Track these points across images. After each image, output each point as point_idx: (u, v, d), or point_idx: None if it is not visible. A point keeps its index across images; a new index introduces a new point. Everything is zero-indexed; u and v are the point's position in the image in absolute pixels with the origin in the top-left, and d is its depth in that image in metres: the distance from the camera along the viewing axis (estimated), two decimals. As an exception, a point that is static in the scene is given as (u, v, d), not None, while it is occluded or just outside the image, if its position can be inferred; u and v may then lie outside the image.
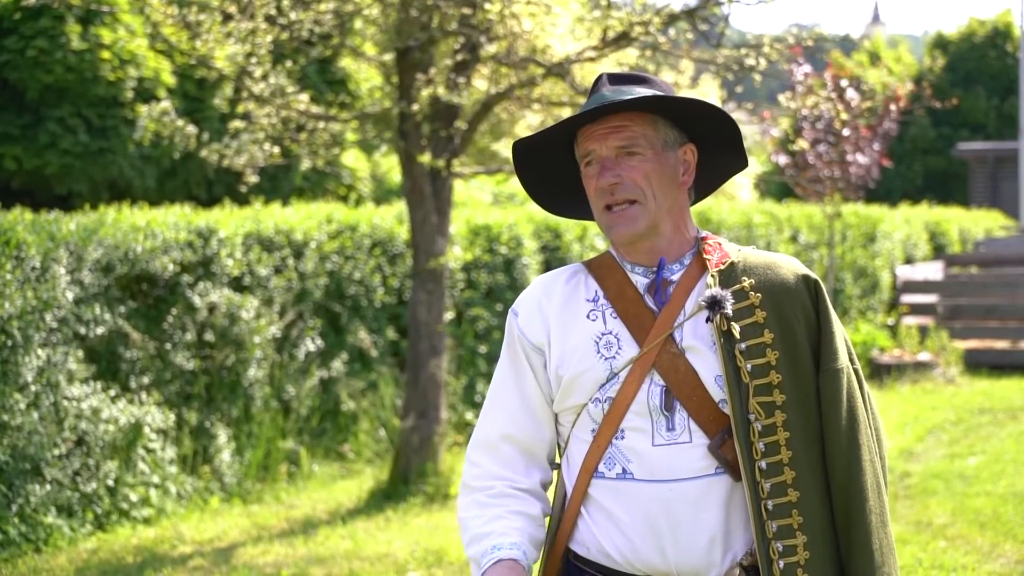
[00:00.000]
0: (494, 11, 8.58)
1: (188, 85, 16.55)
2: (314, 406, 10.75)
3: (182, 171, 16.68)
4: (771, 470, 2.83)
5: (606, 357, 2.91)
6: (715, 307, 2.87)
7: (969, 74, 37.88)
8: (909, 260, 21.20)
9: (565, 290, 3.02)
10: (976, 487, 9.42)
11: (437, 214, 9.61)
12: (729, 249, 3.01)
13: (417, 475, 9.51)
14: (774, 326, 2.89)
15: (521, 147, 3.04)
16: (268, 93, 9.44)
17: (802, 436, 2.86)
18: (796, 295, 2.94)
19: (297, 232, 10.79)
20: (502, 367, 3.07)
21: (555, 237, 13.39)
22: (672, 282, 2.95)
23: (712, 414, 2.86)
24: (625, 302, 2.95)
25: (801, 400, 2.88)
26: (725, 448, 2.85)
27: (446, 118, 9.45)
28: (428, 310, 9.71)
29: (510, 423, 3.02)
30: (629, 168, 2.90)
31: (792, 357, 2.89)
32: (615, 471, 2.89)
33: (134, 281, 9.35)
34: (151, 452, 9.10)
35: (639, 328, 2.91)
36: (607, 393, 2.89)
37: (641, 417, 2.87)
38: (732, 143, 3.03)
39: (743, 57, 8.88)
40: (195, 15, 9.08)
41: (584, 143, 2.94)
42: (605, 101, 2.88)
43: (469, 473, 3.05)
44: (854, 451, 2.87)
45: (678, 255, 2.97)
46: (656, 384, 2.88)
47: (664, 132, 2.94)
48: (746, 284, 2.92)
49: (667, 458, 2.85)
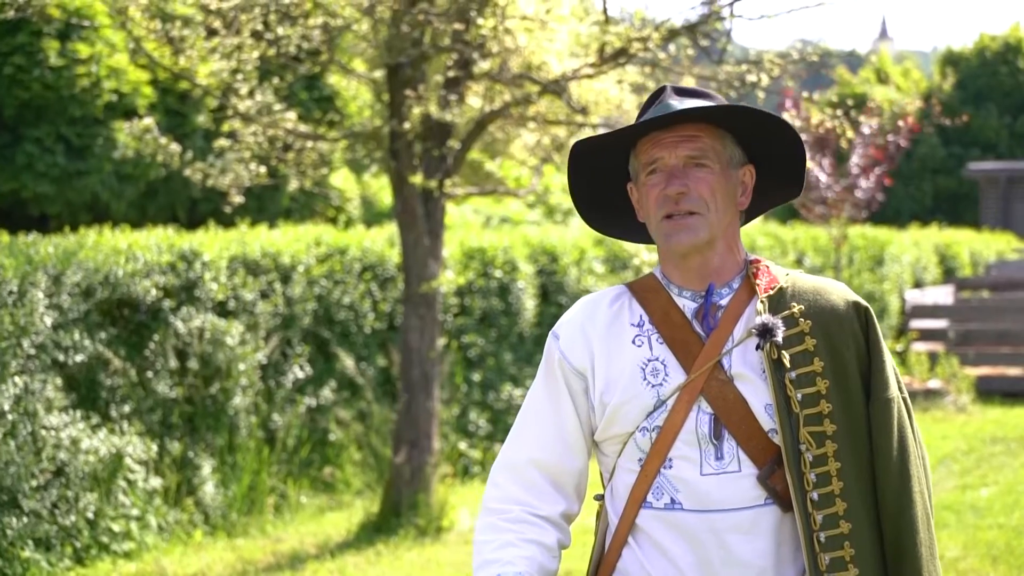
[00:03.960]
0: (488, 27, 8.62)
1: (170, 100, 16.58)
2: (301, 436, 10.75)
3: (165, 192, 16.70)
4: (823, 501, 2.86)
5: (653, 384, 2.93)
6: (766, 335, 2.89)
7: (980, 91, 38.00)
8: (918, 284, 21.24)
9: (609, 313, 3.03)
10: (988, 519, 9.43)
11: (429, 236, 9.63)
12: (777, 273, 3.03)
13: (409, 507, 9.51)
14: (824, 354, 2.92)
15: (579, 150, 3.04)
16: (254, 111, 9.46)
17: (853, 466, 2.89)
18: (846, 322, 2.96)
19: (284, 255, 10.80)
20: (537, 389, 3.09)
21: (552, 261, 13.42)
22: (721, 307, 2.97)
23: (761, 443, 2.89)
24: (671, 327, 2.96)
25: (851, 430, 2.90)
26: (775, 478, 2.88)
27: (438, 137, 9.48)
28: (420, 336, 9.72)
29: (539, 448, 3.04)
30: (697, 180, 2.92)
31: (842, 386, 2.92)
32: (663, 501, 2.91)
33: (115, 306, 9.36)
34: (132, 484, 9.10)
35: (686, 354, 2.93)
36: (655, 422, 2.91)
37: (689, 446, 2.89)
38: (791, 171, 3.06)
39: (745, 73, 8.92)
40: (179, 30, 9.12)
41: (650, 150, 2.95)
42: (674, 110, 2.90)
43: (489, 494, 3.07)
44: (905, 482, 2.90)
45: (727, 278, 2.99)
46: (704, 412, 2.90)
47: (731, 149, 2.97)
48: (796, 310, 2.95)
49: (716, 488, 2.87)
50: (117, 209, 16.16)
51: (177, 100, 16.61)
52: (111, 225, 10.87)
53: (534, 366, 12.96)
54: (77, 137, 15.65)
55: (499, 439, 12.29)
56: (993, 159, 36.68)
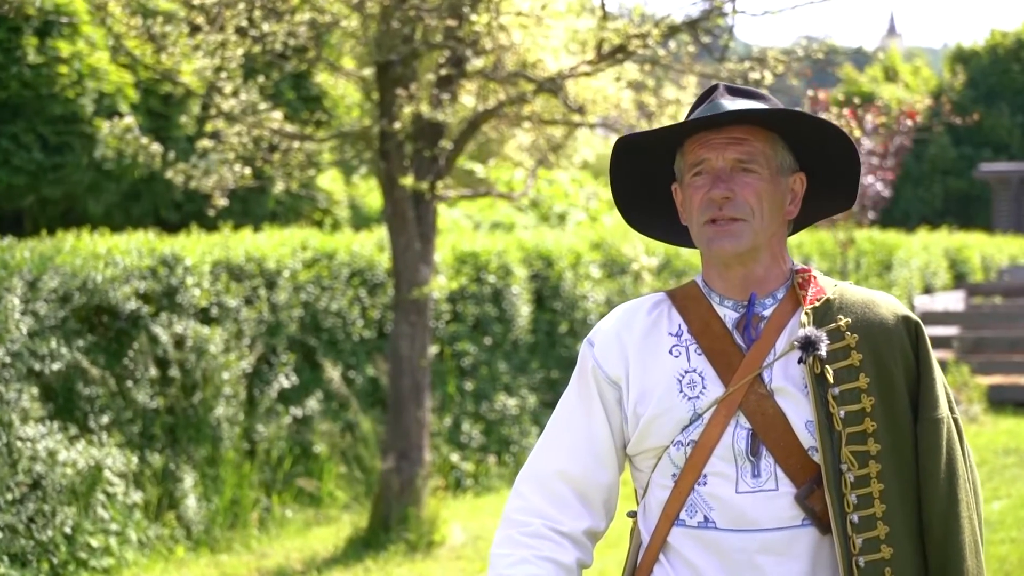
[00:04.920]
0: (481, 23, 8.61)
1: (153, 101, 16.58)
2: (287, 447, 10.73)
3: (147, 193, 16.69)
4: (863, 524, 2.82)
5: (689, 397, 2.90)
6: (809, 348, 2.85)
7: (992, 89, 38.07)
8: (928, 289, 21.24)
9: (647, 322, 3.01)
10: (1000, 533, 9.42)
11: (420, 240, 9.62)
12: (824, 284, 3.00)
13: (398, 521, 9.50)
14: (870, 370, 2.88)
15: (622, 146, 3.02)
16: (239, 110, 9.45)
17: (897, 489, 2.85)
18: (895, 337, 2.92)
19: (269, 260, 10.79)
20: (569, 398, 3.05)
21: (547, 265, 13.41)
22: (763, 318, 2.94)
23: (800, 462, 2.85)
24: (711, 338, 2.93)
25: (897, 450, 2.87)
26: (813, 499, 2.84)
27: (430, 137, 9.47)
28: (411, 344, 9.71)
29: (569, 459, 3.00)
30: (743, 185, 2.88)
31: (889, 404, 2.88)
32: (697, 519, 2.88)
33: (93, 312, 9.34)
34: (112, 497, 9.08)
35: (726, 367, 2.90)
36: (690, 436, 2.88)
37: (725, 462, 2.86)
38: (843, 182, 3.03)
39: (748, 71, 8.91)
40: (160, 27, 9.10)
41: (696, 151, 2.92)
42: (722, 110, 2.87)
43: (512, 504, 3.03)
44: (952, 507, 2.86)
45: (771, 288, 2.96)
46: (742, 427, 2.87)
47: (781, 155, 2.94)
48: (842, 323, 2.91)
49: (751, 507, 2.84)
50: (94, 211, 16.14)
51: (160, 102, 16.59)
52: (90, 228, 10.85)
53: (529, 375, 12.96)
54: (55, 136, 15.63)
55: (492, 451, 12.28)
56: (1006, 160, 36.75)
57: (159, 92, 16.22)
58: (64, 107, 15.47)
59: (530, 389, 12.94)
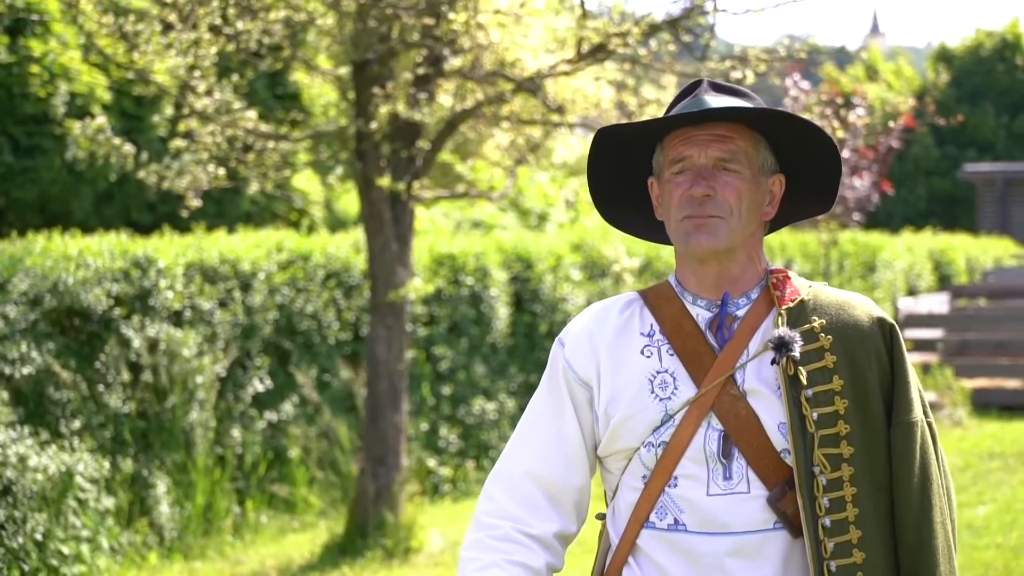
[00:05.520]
0: (459, 21, 8.63)
1: (125, 102, 16.54)
2: (262, 452, 10.73)
3: (120, 195, 16.65)
4: (835, 528, 2.83)
5: (661, 398, 2.91)
6: (782, 349, 2.87)
7: (976, 89, 38.21)
8: (912, 291, 21.32)
9: (618, 321, 3.02)
10: (985, 539, 9.46)
11: (397, 242, 9.63)
12: (799, 284, 3.02)
13: (375, 527, 9.50)
14: (844, 372, 2.90)
15: (601, 137, 3.02)
16: (212, 109, 9.44)
17: (870, 493, 2.86)
18: (870, 339, 2.94)
19: (244, 262, 10.79)
20: (539, 399, 3.07)
21: (526, 267, 13.42)
22: (737, 318, 2.96)
23: (773, 464, 2.87)
24: (683, 338, 2.95)
25: (870, 454, 2.88)
26: (785, 501, 2.85)
27: (407, 137, 9.48)
28: (387, 347, 9.72)
29: (538, 460, 3.02)
30: (724, 184, 2.90)
31: (862, 406, 2.89)
32: (667, 521, 2.89)
33: (64, 315, 9.33)
34: (83, 503, 9.06)
35: (698, 367, 2.92)
36: (661, 437, 2.89)
37: (696, 464, 2.87)
38: (823, 185, 3.05)
39: (730, 70, 8.94)
40: (133, 25, 9.09)
41: (678, 146, 2.93)
42: (708, 106, 2.89)
43: (481, 506, 3.05)
44: (926, 512, 2.87)
45: (746, 288, 2.98)
46: (714, 429, 2.88)
47: (763, 155, 2.96)
48: (816, 324, 2.93)
49: (722, 509, 2.85)
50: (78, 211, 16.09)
51: (132, 103, 16.56)
52: (63, 230, 10.83)
53: (507, 379, 12.97)
54: (26, 136, 15.58)
55: (470, 456, 12.29)
56: (990, 160, 36.87)
57: (131, 93, 16.19)
58: (35, 107, 15.43)
59: (509, 393, 12.96)
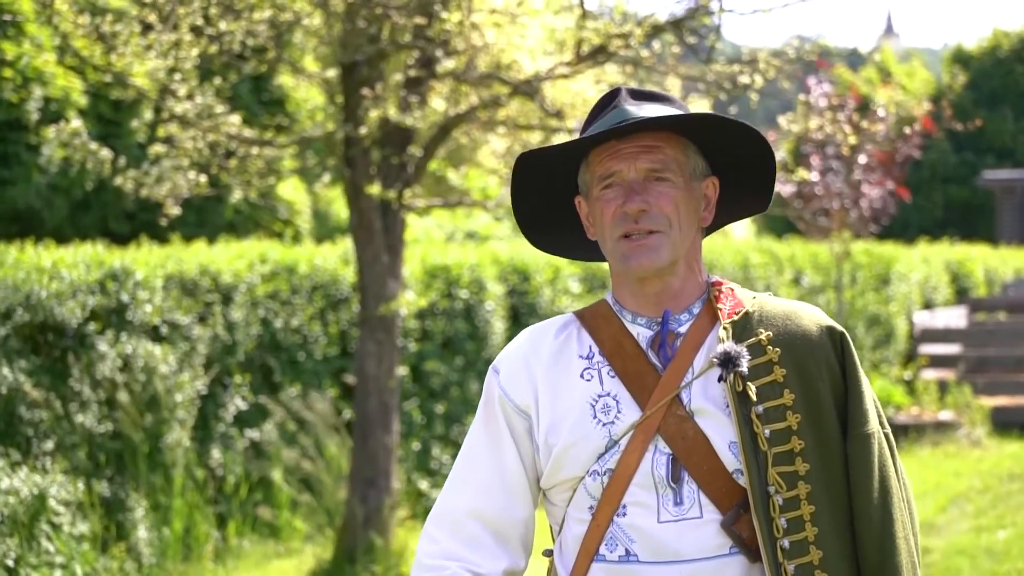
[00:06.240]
0: (453, 21, 8.63)
1: (103, 106, 16.55)
2: (243, 475, 10.71)
3: (96, 203, 16.65)
4: (795, 549, 2.83)
5: (604, 423, 2.90)
6: (728, 365, 2.86)
7: (994, 92, 38.22)
8: (928, 305, 21.32)
9: (555, 345, 3.01)
10: (1006, 564, 9.46)
11: (388, 253, 9.62)
12: (743, 296, 3.02)
13: (364, 553, 9.49)
14: (795, 385, 2.89)
15: (525, 162, 3.01)
16: (193, 114, 9.44)
17: (829, 510, 2.86)
18: (820, 350, 2.94)
19: (225, 274, 10.78)
20: (475, 432, 3.05)
21: (523, 280, 13.42)
22: (679, 335, 2.95)
23: (725, 486, 2.86)
24: (624, 358, 2.94)
25: (827, 469, 2.88)
26: (740, 524, 2.85)
27: (398, 143, 9.48)
28: (378, 363, 9.71)
29: (480, 497, 3.01)
30: (658, 195, 2.89)
31: (816, 421, 2.89)
32: (617, 553, 2.88)
33: (36, 330, 9.31)
34: (57, 528, 9.04)
35: (641, 389, 2.91)
36: (606, 464, 2.88)
37: (645, 491, 2.86)
38: (759, 182, 3.05)
39: (737, 74, 8.94)
40: (110, 25, 9.09)
41: (605, 162, 2.93)
42: (631, 116, 2.88)
43: (423, 549, 3.04)
44: (887, 527, 2.87)
45: (687, 303, 2.98)
46: (661, 452, 2.87)
47: (694, 160, 2.96)
48: (763, 337, 2.92)
49: (675, 537, 2.84)
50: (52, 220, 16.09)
51: (110, 107, 16.57)
52: (36, 240, 10.83)
53: (504, 396, 12.94)
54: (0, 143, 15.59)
55: (465, 478, 12.26)
56: (1010, 167, 36.87)
57: (109, 97, 16.19)
58: (7, 112, 15.43)
59: (505, 412, 12.93)
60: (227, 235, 16.72)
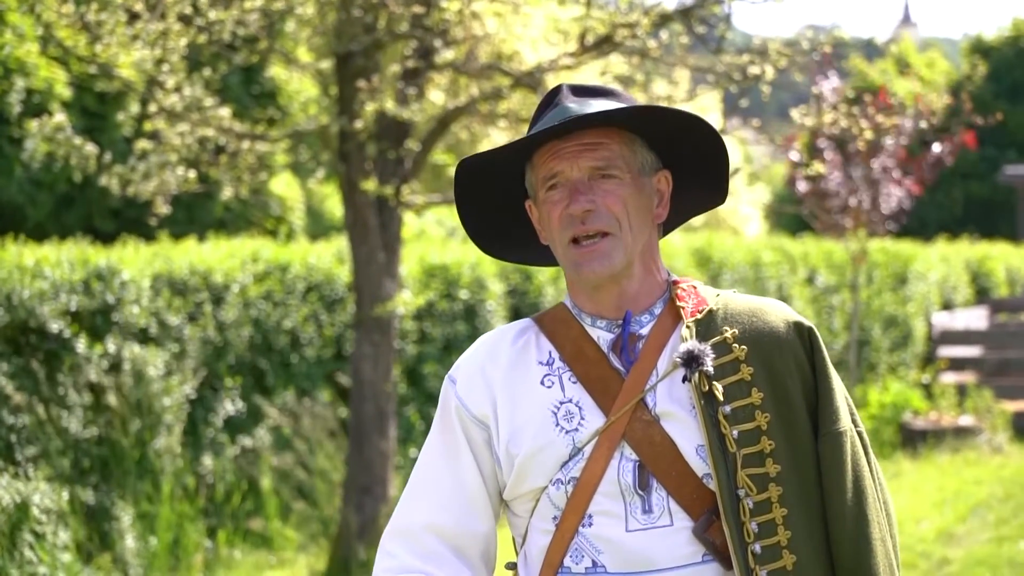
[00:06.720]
0: (452, 9, 8.62)
1: (87, 99, 16.54)
2: (234, 482, 10.70)
3: (80, 200, 16.64)
4: (767, 555, 2.83)
5: (567, 430, 2.89)
6: (692, 364, 2.86)
7: (1016, 84, 38.22)
8: (947, 306, 21.30)
9: (512, 352, 3.01)
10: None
11: (384, 251, 9.61)
12: (706, 294, 3.01)
13: (359, 565, 9.48)
14: (763, 384, 2.89)
15: (467, 169, 3.01)
16: (182, 107, 9.43)
17: (802, 513, 2.86)
18: (788, 346, 2.94)
19: (216, 273, 10.76)
20: (433, 443, 3.04)
21: (525, 279, 13.41)
22: (641, 337, 2.94)
23: (695, 491, 2.85)
24: (585, 363, 2.93)
25: (798, 470, 2.88)
26: (712, 531, 2.84)
27: (395, 137, 9.46)
28: (374, 366, 9.69)
29: (437, 511, 3.00)
30: (604, 193, 2.88)
31: (786, 420, 2.89)
32: (583, 565, 2.87)
33: (19, 332, 9.30)
34: (40, 537, 9.03)
35: (604, 393, 2.90)
36: (570, 473, 2.87)
37: (611, 499, 2.86)
38: (714, 174, 3.04)
39: (747, 65, 8.93)
40: (95, 14, 9.08)
41: (547, 163, 2.92)
42: (572, 114, 2.87)
43: (380, 565, 3.04)
44: (862, 528, 2.87)
45: (647, 304, 2.97)
46: (628, 459, 2.86)
47: (642, 155, 2.95)
48: (728, 335, 2.92)
49: (644, 546, 2.83)
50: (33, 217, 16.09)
51: (95, 100, 16.56)
52: (16, 237, 10.81)
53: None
54: (-21, 137, 15.59)
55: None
56: (1032, 162, 36.86)
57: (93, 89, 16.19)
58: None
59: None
60: (217, 233, 16.72)
